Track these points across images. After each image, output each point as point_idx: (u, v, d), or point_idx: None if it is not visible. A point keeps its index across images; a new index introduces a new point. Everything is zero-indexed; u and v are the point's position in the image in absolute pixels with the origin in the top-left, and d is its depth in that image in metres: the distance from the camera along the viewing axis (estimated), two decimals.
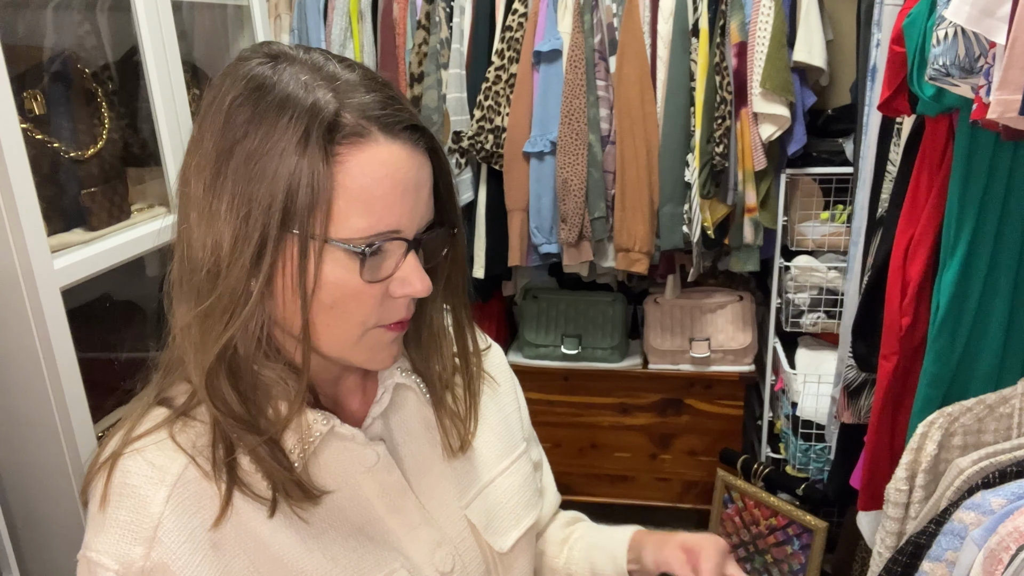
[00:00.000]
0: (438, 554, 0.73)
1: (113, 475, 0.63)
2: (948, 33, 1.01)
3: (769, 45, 2.12)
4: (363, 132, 0.60)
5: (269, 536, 0.65)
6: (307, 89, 0.60)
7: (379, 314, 0.65)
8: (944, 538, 0.98)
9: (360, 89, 0.62)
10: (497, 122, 2.32)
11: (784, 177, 2.27)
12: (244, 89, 0.62)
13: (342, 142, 0.60)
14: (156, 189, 1.62)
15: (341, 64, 0.64)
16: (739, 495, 2.39)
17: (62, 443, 1.24)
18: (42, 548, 1.28)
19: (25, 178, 1.16)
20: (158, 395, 0.69)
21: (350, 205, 0.60)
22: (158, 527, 0.61)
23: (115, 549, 0.61)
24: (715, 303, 2.54)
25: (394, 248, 0.63)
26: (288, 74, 0.61)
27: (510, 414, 0.86)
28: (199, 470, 0.64)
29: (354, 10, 2.45)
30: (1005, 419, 1.13)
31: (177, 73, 1.56)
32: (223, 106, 0.62)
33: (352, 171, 0.60)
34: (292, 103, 0.60)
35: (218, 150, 0.61)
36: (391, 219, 0.62)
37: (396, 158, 0.61)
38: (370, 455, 0.71)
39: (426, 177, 0.65)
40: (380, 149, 0.61)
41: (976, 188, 1.16)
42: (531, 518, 0.81)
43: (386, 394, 0.75)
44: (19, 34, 1.44)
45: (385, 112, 0.61)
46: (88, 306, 1.63)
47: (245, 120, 0.60)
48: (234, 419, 0.64)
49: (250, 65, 0.63)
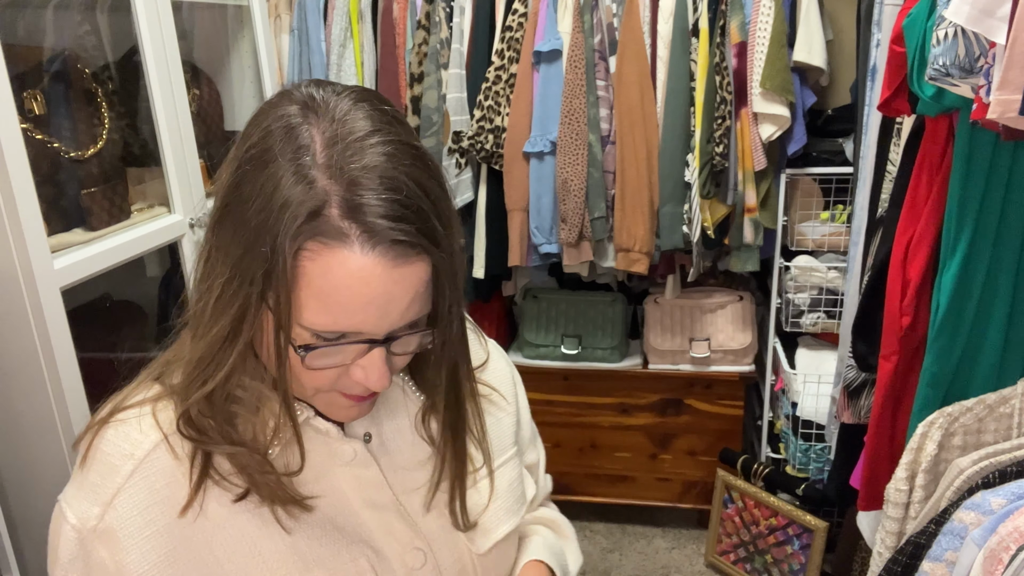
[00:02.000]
0: (409, 550, 0.73)
1: (95, 439, 0.68)
2: (948, 33, 1.01)
3: (769, 45, 2.12)
4: (338, 237, 0.57)
5: (228, 518, 0.67)
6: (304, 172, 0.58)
7: (337, 386, 0.66)
8: (944, 538, 0.98)
9: (380, 189, 0.58)
10: (497, 122, 2.32)
11: (784, 177, 2.27)
12: (259, 139, 0.61)
13: (315, 238, 0.57)
14: (156, 189, 1.62)
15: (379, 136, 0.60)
16: (739, 495, 2.39)
17: (62, 443, 1.24)
18: (42, 548, 1.28)
19: (25, 178, 1.16)
20: (160, 372, 0.71)
21: (308, 299, 0.59)
22: (116, 495, 0.65)
23: (78, 506, 0.66)
24: (715, 303, 2.54)
25: (353, 347, 0.62)
26: (304, 136, 0.59)
27: (502, 419, 0.86)
28: (170, 450, 0.67)
29: (354, 10, 2.45)
30: (1005, 419, 1.13)
31: (177, 73, 1.56)
32: (240, 152, 0.62)
33: (316, 268, 0.58)
34: (283, 185, 0.58)
35: (224, 200, 0.62)
36: (350, 323, 0.60)
37: (366, 271, 0.58)
38: (347, 451, 0.72)
39: (407, 287, 0.60)
40: (351, 258, 0.57)
41: (976, 188, 1.16)
42: (511, 523, 0.81)
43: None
44: (19, 34, 1.44)
45: (382, 222, 0.57)
46: (88, 306, 1.64)
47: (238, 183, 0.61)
48: (212, 442, 0.66)
49: (277, 112, 0.62)
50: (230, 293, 0.61)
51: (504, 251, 2.40)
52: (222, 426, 0.66)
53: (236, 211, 0.60)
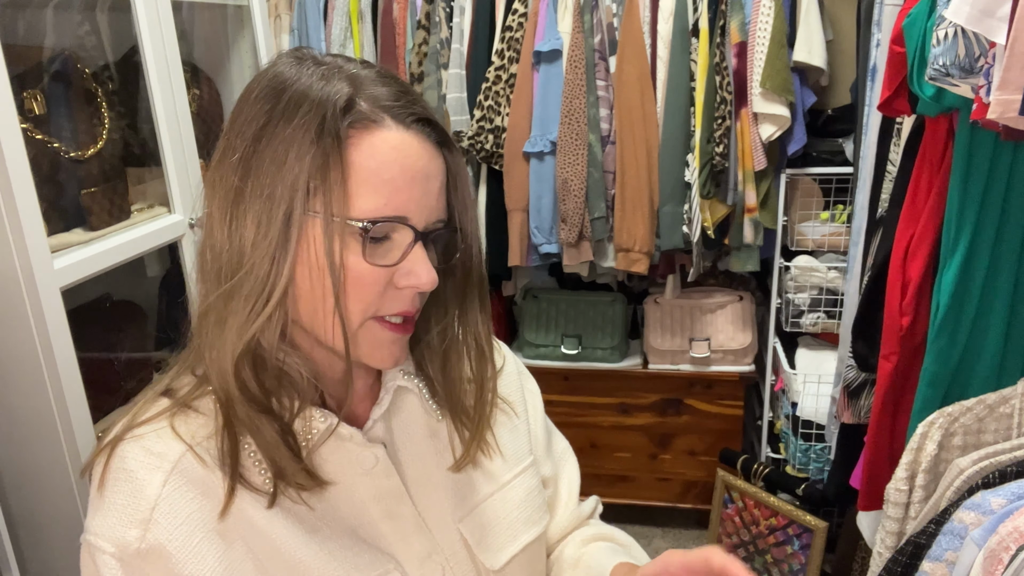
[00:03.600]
0: (427, 564, 0.72)
1: (111, 460, 0.65)
2: (948, 33, 1.01)
3: (769, 45, 2.12)
4: (375, 118, 0.63)
5: (266, 526, 0.65)
6: (325, 80, 0.64)
7: (380, 303, 0.66)
8: (944, 538, 0.98)
9: (376, 83, 0.65)
10: (497, 122, 2.32)
11: (784, 177, 2.27)
12: (268, 84, 0.65)
13: (355, 125, 0.63)
14: (156, 189, 1.62)
15: (360, 64, 0.67)
16: (739, 495, 2.39)
17: (62, 443, 1.24)
18: (42, 548, 1.28)
19: (25, 178, 1.16)
20: (167, 386, 0.69)
21: (359, 186, 0.62)
22: (154, 509, 0.62)
23: (111, 532, 0.62)
24: (715, 303, 2.54)
25: (401, 237, 0.65)
26: (309, 70, 0.65)
27: (518, 425, 0.84)
28: (197, 459, 0.65)
29: (354, 10, 2.45)
30: (1005, 419, 1.13)
31: (177, 73, 1.56)
32: (249, 99, 0.65)
33: (363, 152, 0.62)
34: (310, 93, 0.63)
35: (243, 139, 0.64)
36: (398, 203, 0.63)
37: (406, 144, 0.64)
38: (368, 457, 0.71)
39: (437, 170, 0.66)
40: (391, 134, 0.63)
41: (976, 188, 1.16)
42: (531, 535, 0.79)
43: (387, 396, 0.74)
44: (19, 34, 1.44)
45: (398, 103, 0.64)
46: (88, 306, 1.63)
47: (267, 110, 0.63)
48: (254, 402, 0.65)
49: (277, 66, 0.67)
50: (268, 216, 0.62)
51: (504, 251, 2.40)
52: (263, 389, 0.65)
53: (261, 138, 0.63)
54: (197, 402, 0.67)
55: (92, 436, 1.29)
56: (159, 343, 1.83)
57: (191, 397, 0.67)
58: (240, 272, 0.63)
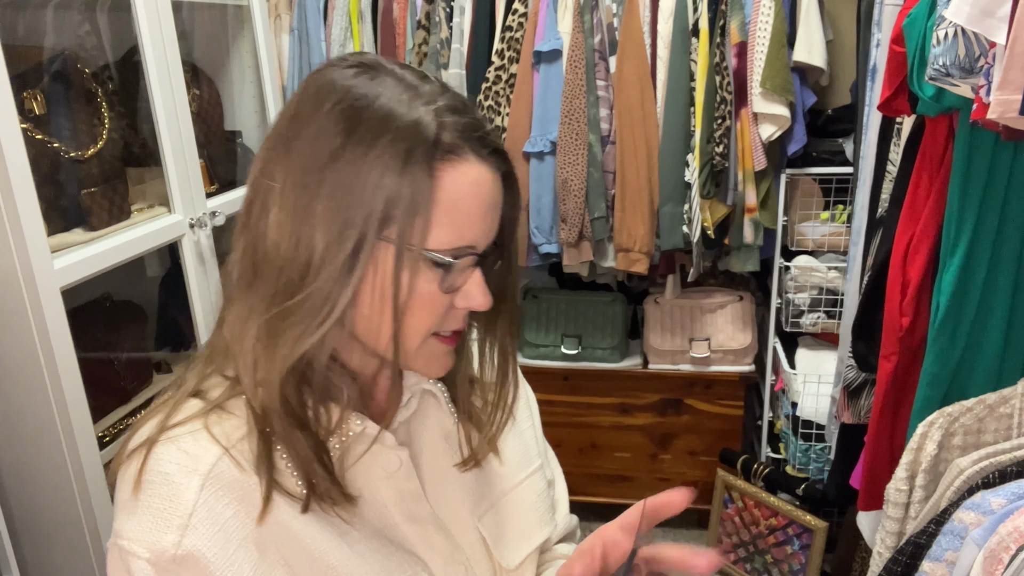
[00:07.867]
0: (451, 565, 0.73)
1: (147, 461, 0.63)
2: (948, 33, 1.01)
3: (769, 45, 2.12)
4: (458, 151, 0.63)
5: (300, 530, 0.65)
6: (409, 107, 0.63)
7: (440, 323, 0.67)
8: (944, 538, 0.98)
9: (455, 110, 0.64)
10: (497, 122, 2.32)
11: (784, 177, 2.27)
12: (344, 98, 0.63)
13: (439, 157, 0.62)
14: (156, 189, 1.62)
15: (433, 84, 0.66)
16: (739, 495, 2.39)
17: (62, 443, 1.24)
18: (42, 548, 1.28)
19: (25, 178, 1.16)
20: (195, 387, 0.68)
21: (440, 218, 0.62)
22: (192, 515, 0.61)
23: (147, 536, 0.60)
24: (715, 303, 2.54)
25: (463, 262, 0.65)
26: (388, 89, 0.63)
27: (525, 430, 0.86)
28: (233, 462, 0.64)
29: (354, 10, 2.45)
30: (1005, 419, 1.13)
31: (177, 73, 1.56)
32: (321, 109, 0.63)
33: (446, 187, 0.62)
34: (394, 119, 0.62)
35: (316, 154, 0.62)
36: (471, 235, 0.64)
37: (484, 178, 0.64)
38: (393, 460, 0.71)
39: (501, 199, 0.68)
40: (471, 168, 0.64)
41: (976, 188, 1.16)
42: (543, 535, 0.81)
43: (413, 399, 0.75)
44: (19, 34, 1.44)
45: (476, 134, 0.65)
46: (88, 306, 1.64)
47: (344, 129, 0.62)
48: (292, 416, 0.65)
49: (347, 74, 0.65)
50: (339, 238, 0.61)
51: None
52: (303, 403, 0.65)
53: (340, 158, 0.61)
54: (229, 403, 0.67)
55: (92, 436, 1.29)
56: (159, 343, 1.83)
57: (223, 398, 0.67)
58: (303, 291, 0.62)
